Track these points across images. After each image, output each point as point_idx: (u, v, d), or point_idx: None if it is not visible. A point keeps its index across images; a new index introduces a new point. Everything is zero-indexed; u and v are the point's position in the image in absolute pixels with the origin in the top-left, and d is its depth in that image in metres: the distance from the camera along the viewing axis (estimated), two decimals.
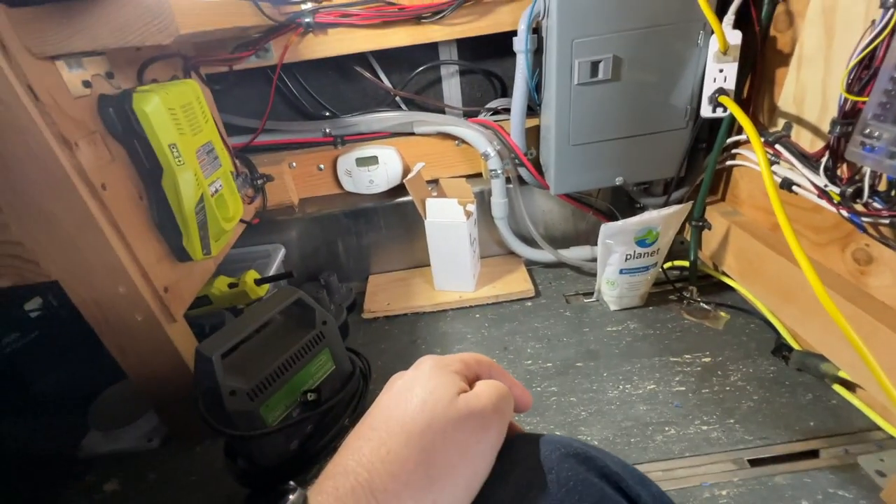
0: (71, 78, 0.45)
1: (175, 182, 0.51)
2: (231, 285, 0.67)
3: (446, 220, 0.78)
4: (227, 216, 0.61)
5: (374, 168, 0.83)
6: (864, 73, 0.49)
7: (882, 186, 0.50)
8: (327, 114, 0.86)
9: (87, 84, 0.46)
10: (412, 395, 0.22)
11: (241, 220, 0.68)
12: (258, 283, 0.67)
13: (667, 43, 0.65)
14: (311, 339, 0.51)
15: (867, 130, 0.48)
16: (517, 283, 0.86)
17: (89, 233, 0.46)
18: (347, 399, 0.54)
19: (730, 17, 0.61)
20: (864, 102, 0.49)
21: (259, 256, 0.86)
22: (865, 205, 0.51)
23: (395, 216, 0.89)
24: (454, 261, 0.82)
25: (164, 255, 0.55)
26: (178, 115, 0.51)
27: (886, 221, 0.49)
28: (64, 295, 0.50)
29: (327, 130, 0.83)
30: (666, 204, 0.81)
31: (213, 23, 0.47)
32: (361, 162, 0.83)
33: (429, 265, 0.86)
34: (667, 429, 0.58)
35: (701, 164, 0.77)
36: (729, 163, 0.74)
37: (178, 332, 0.56)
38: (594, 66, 0.65)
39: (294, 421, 0.49)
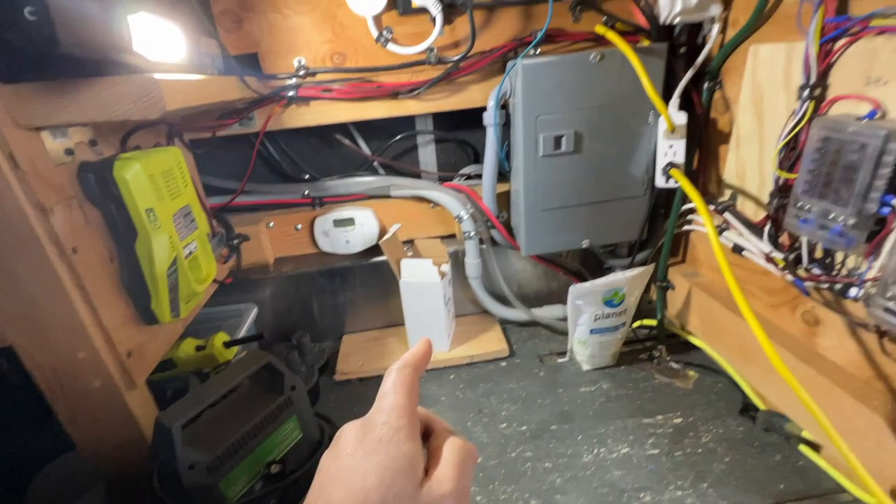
0: (54, 146, 0.46)
1: (149, 246, 0.51)
2: (198, 348, 0.65)
3: (421, 281, 0.79)
4: (199, 278, 0.61)
5: (351, 229, 0.85)
6: (791, 153, 0.55)
7: (819, 254, 0.55)
8: (307, 176, 0.89)
9: (69, 152, 0.48)
10: (370, 496, 0.20)
11: (214, 280, 0.68)
12: (227, 345, 0.66)
13: (622, 120, 0.71)
14: (278, 406, 0.49)
15: (799, 204, 0.53)
16: (492, 343, 0.87)
17: (55, 297, 0.46)
18: (314, 470, 0.51)
19: (675, 100, 0.69)
20: (794, 179, 0.54)
21: (230, 316, 0.85)
22: (806, 270, 0.55)
23: (371, 275, 0.90)
24: (429, 321, 0.82)
25: (131, 317, 0.54)
26: (157, 182, 0.52)
27: (826, 286, 0.54)
28: (13, 360, 0.48)
29: (306, 192, 0.86)
30: (631, 265, 0.86)
31: (200, 99, 0.50)
32: (339, 223, 0.85)
33: (404, 324, 0.86)
34: (642, 495, 0.57)
35: (662, 227, 0.83)
36: (686, 227, 0.80)
37: (138, 400, 0.54)
38: (557, 140, 0.71)
39: (256, 496, 0.46)
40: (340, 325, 0.94)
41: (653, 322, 0.85)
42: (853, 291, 0.50)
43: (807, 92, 0.52)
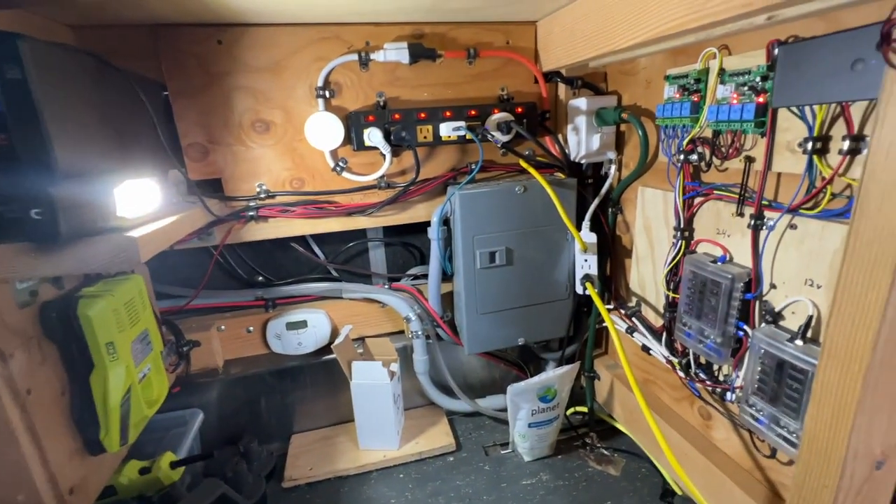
0: (20, 290, 0.48)
1: (105, 378, 0.53)
2: (143, 470, 0.64)
3: (371, 382, 0.83)
4: (151, 399, 0.62)
5: (304, 331, 0.89)
6: (674, 277, 0.69)
7: (703, 360, 0.67)
8: (261, 278, 0.93)
9: (33, 293, 0.50)
10: None
11: None
12: (174, 466, 0.65)
13: (545, 238, 0.84)
14: None
15: (683, 320, 0.66)
16: (439, 438, 0.91)
17: (3, 442, 0.46)
18: None
19: (586, 223, 0.82)
20: (678, 297, 0.67)
21: (174, 424, 0.83)
22: (695, 374, 0.67)
23: (321, 373, 0.93)
24: (379, 420, 0.86)
25: (76, 450, 0.54)
26: (120, 314, 0.55)
27: (710, 389, 0.65)
28: None
29: (259, 294, 0.90)
30: (562, 357, 0.95)
31: (171, 240, 0.55)
32: (291, 326, 0.88)
33: (353, 421, 0.88)
34: None
35: (586, 323, 0.94)
36: (605, 324, 0.91)
37: None
38: (492, 255, 0.81)
39: None
40: (289, 424, 0.94)
41: (584, 409, 0.94)
42: (728, 395, 0.61)
43: (679, 233, 0.66)
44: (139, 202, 0.52)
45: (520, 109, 0.81)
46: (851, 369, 0.39)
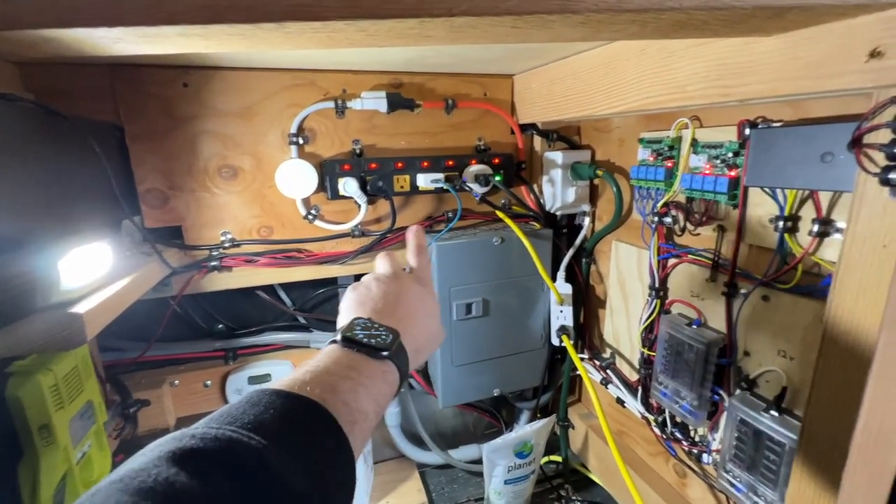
0: None
1: (35, 468, 0.46)
2: None
3: None
4: (90, 481, 0.55)
5: (267, 385, 0.83)
6: (650, 334, 0.69)
7: (679, 419, 0.67)
8: (221, 327, 0.86)
9: None
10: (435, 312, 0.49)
11: None
12: None
13: (521, 289, 0.83)
14: None
15: (659, 379, 0.66)
16: (411, 495, 0.87)
17: None
18: None
19: (561, 273, 0.83)
20: (654, 355, 0.68)
21: None
22: (671, 433, 0.67)
23: None
24: None
25: None
26: (59, 390, 0.49)
27: (686, 449, 0.65)
28: None
29: (218, 346, 0.83)
30: (536, 405, 0.94)
31: (123, 306, 0.50)
32: (254, 380, 0.83)
33: None
34: None
35: (560, 370, 0.93)
36: (579, 372, 0.91)
37: None
38: (468, 306, 0.80)
39: None
40: None
41: (558, 458, 0.93)
42: (705, 458, 0.62)
43: (654, 291, 0.67)
44: (88, 269, 0.46)
45: (497, 160, 0.81)
46: (832, 455, 0.40)
